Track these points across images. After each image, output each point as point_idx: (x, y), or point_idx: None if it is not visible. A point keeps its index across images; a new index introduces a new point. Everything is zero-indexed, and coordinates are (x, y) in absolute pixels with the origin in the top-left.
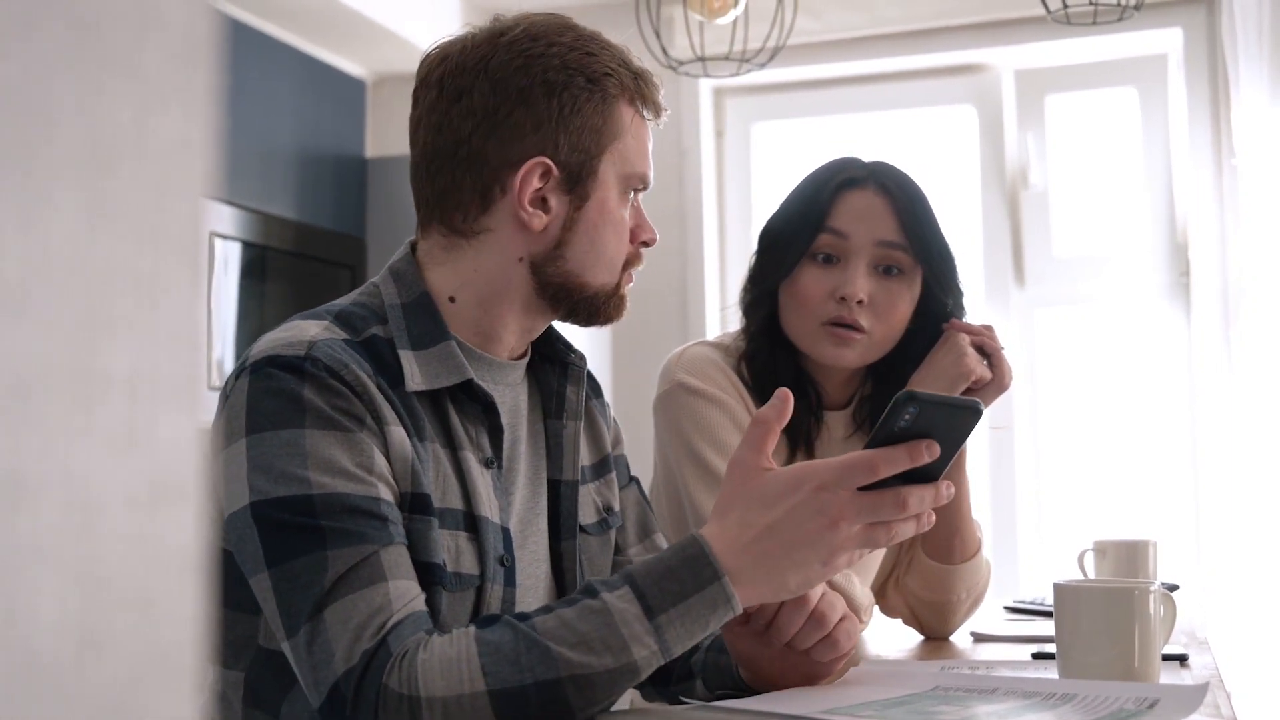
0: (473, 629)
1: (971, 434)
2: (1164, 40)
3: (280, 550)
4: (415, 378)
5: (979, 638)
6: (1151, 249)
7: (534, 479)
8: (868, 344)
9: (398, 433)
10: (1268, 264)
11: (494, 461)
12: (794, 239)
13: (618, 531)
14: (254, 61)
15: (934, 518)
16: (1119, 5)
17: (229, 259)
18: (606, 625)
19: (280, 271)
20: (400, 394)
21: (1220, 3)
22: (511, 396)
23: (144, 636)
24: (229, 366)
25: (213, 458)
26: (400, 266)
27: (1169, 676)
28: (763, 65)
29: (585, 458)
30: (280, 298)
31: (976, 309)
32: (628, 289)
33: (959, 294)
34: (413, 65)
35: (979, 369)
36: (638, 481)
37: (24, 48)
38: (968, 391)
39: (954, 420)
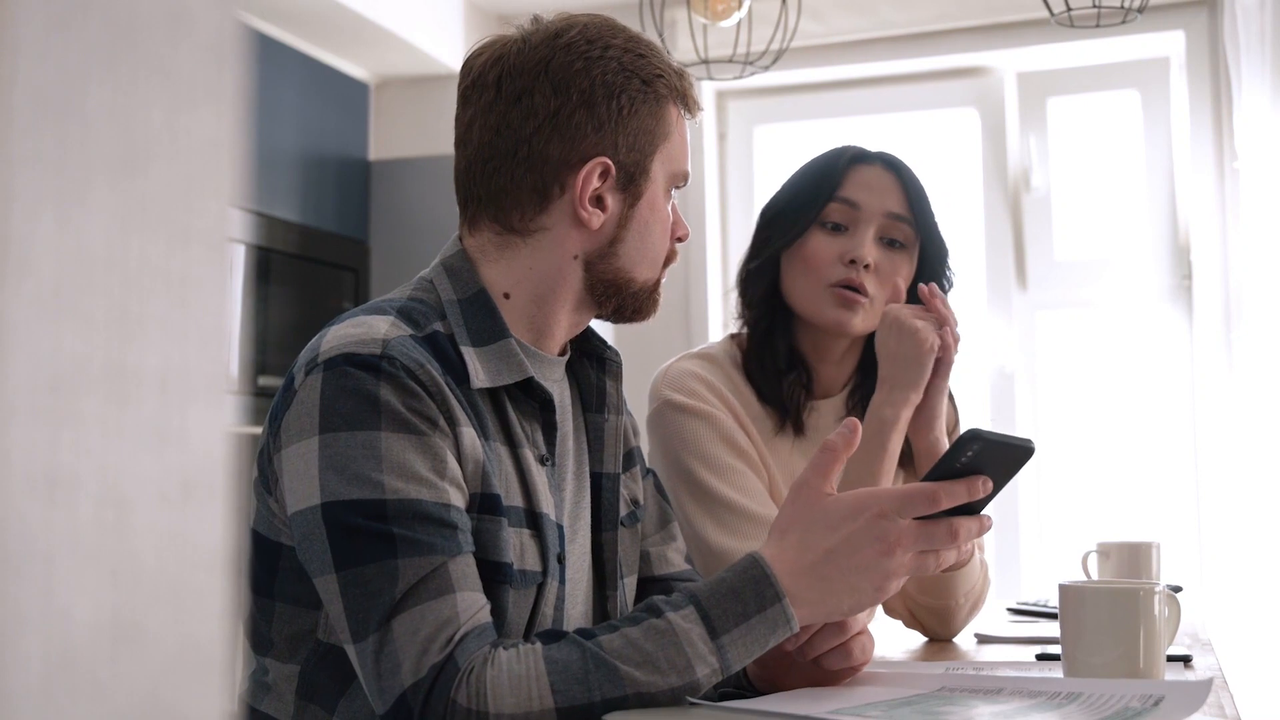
0: (539, 646)
1: (1022, 470)
2: (1166, 43)
3: (350, 554)
4: (479, 375)
5: (983, 639)
6: (1153, 252)
7: (579, 473)
8: (869, 310)
9: (469, 433)
10: (1269, 267)
11: (548, 459)
12: (804, 207)
13: (648, 517)
14: (258, 64)
15: (973, 548)
16: (1121, 8)
17: (232, 262)
18: (673, 645)
19: (283, 274)
20: (465, 392)
21: (1222, 6)
22: (559, 393)
23: (176, 630)
24: (235, 369)
25: (272, 451)
26: (453, 262)
27: (1173, 677)
28: (766, 68)
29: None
30: (283, 300)
31: (978, 312)
32: (662, 282)
33: (949, 274)
34: (416, 68)
35: (935, 336)
36: (654, 474)
37: (60, 50)
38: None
39: (1008, 457)
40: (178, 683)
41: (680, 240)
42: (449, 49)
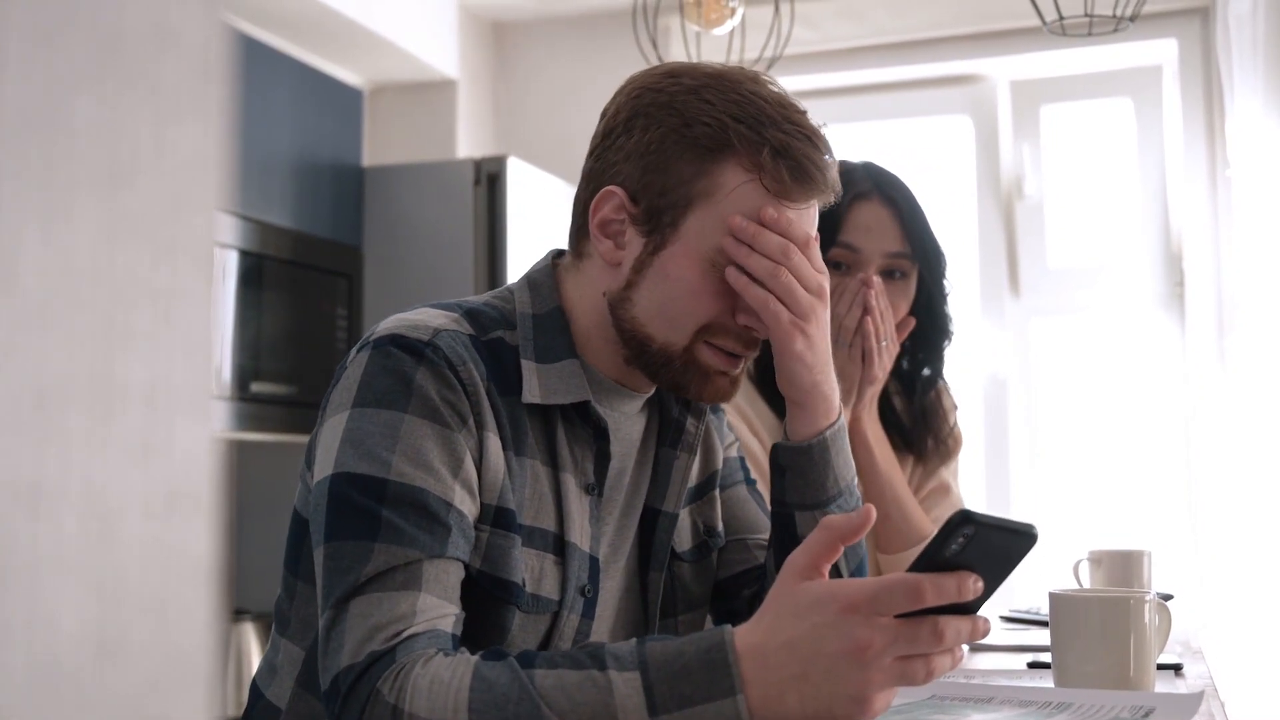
0: (476, 659)
1: (1023, 561)
2: (1159, 51)
3: (337, 527)
4: (533, 390)
5: (975, 647)
6: (1146, 259)
7: (630, 507)
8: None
9: (495, 442)
10: (1262, 275)
11: (595, 488)
12: None
13: (740, 521)
14: (252, 70)
15: (964, 653)
16: (1114, 16)
17: (226, 267)
18: (604, 707)
19: (277, 280)
20: (509, 403)
21: (1215, 14)
22: (628, 426)
23: (160, 643)
24: (227, 375)
25: (318, 426)
26: (538, 277)
27: (1164, 686)
28: None
29: (692, 479)
30: (277, 306)
31: (971, 319)
32: (719, 365)
33: (945, 289)
34: (410, 75)
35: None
36: (754, 483)
37: (46, 64)
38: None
39: (1007, 545)
40: (163, 695)
41: (749, 329)
42: (443, 56)
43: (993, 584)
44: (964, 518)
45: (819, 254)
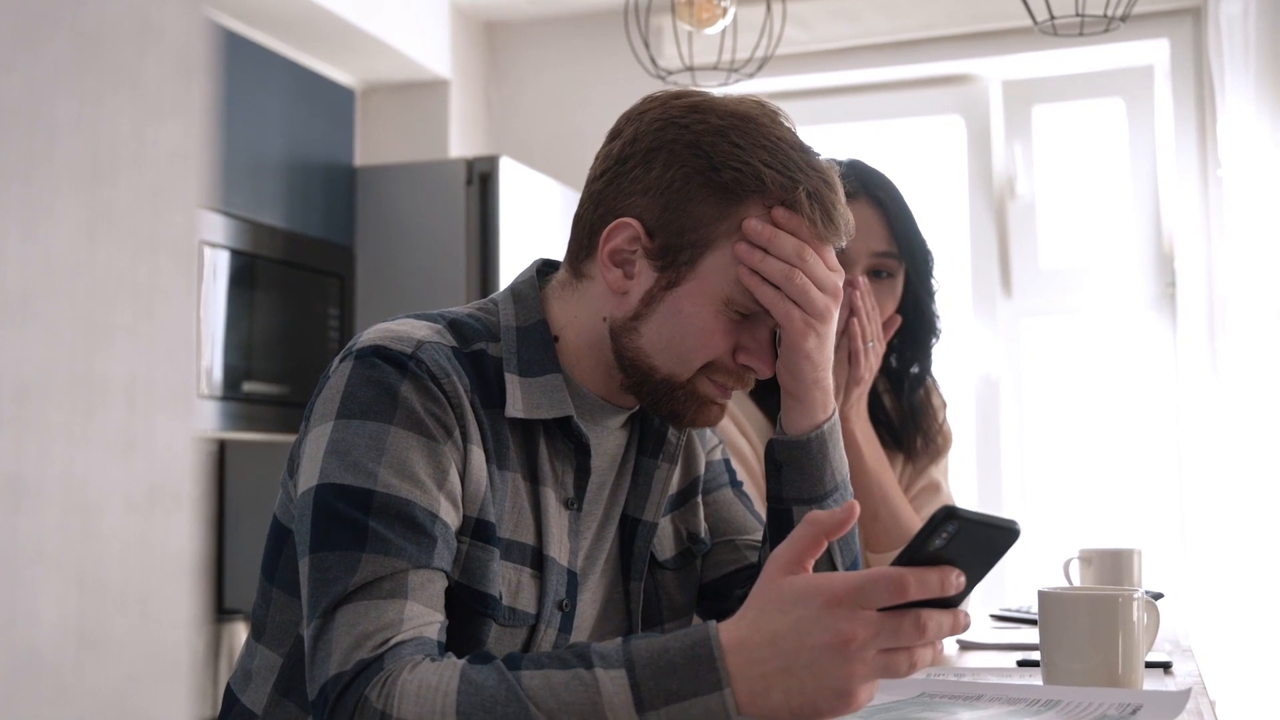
0: (462, 662)
1: (1005, 556)
2: (1151, 51)
3: (323, 538)
4: (516, 404)
5: (965, 645)
6: (1137, 260)
7: (608, 517)
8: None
9: (478, 455)
10: (1253, 275)
11: (575, 503)
12: None
13: (728, 522)
14: (243, 70)
15: (943, 647)
16: (1105, 17)
17: (217, 267)
18: (592, 705)
19: (269, 280)
20: (491, 415)
21: (1207, 15)
22: (609, 441)
23: (141, 638)
24: (218, 375)
25: (301, 435)
26: (523, 289)
27: (1153, 683)
28: (751, 75)
29: (673, 486)
30: (269, 306)
31: (963, 319)
32: (714, 396)
33: (932, 288)
34: (402, 75)
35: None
36: (739, 485)
37: (27, 62)
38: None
39: (990, 541)
40: (143, 690)
41: (748, 369)
42: (435, 56)
43: (975, 578)
44: (948, 513)
45: (834, 254)
